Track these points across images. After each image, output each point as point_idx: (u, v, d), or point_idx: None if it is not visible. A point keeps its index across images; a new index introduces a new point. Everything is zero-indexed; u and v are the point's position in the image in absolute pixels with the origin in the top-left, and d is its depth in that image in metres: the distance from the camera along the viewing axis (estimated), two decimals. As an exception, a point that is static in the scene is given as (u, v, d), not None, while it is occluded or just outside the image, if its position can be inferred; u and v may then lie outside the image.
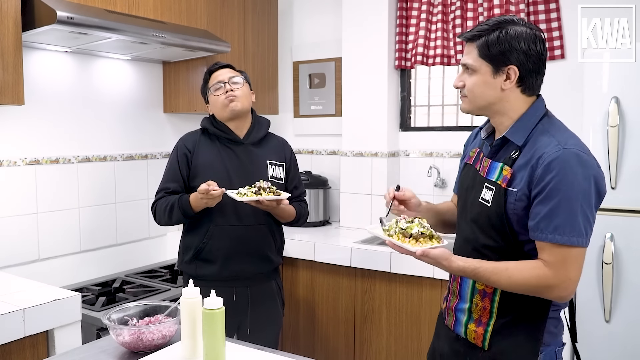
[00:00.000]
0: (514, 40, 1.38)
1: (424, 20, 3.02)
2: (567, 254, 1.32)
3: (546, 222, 1.32)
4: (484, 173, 1.49)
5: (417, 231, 1.42)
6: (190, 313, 1.37)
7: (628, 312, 2.09)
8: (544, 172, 1.33)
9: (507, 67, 1.40)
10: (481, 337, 1.46)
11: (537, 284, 1.34)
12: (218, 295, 1.33)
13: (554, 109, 3.03)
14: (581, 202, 1.32)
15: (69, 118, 2.58)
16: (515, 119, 1.44)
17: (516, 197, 1.38)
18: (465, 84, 1.47)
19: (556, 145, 1.34)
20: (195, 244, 2.14)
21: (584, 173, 1.32)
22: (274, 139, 2.30)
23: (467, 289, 1.51)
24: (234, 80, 2.17)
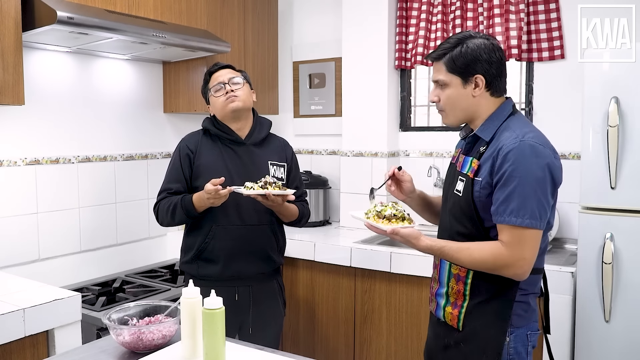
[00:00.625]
0: (475, 52, 1.56)
1: (424, 20, 3.02)
2: (521, 235, 1.47)
3: (504, 206, 1.48)
4: (459, 167, 1.65)
5: (389, 213, 1.63)
6: (190, 313, 1.37)
7: (628, 312, 2.08)
8: (502, 162, 1.49)
9: (474, 77, 1.57)
10: (456, 318, 1.62)
11: (494, 262, 1.49)
12: (219, 295, 1.33)
13: (554, 109, 3.04)
14: (535, 188, 1.47)
15: (69, 118, 2.58)
16: (485, 118, 1.61)
17: (481, 185, 1.54)
18: (440, 98, 1.63)
19: (514, 138, 1.50)
20: (197, 243, 2.13)
21: (538, 162, 1.48)
22: (275, 140, 2.30)
23: (445, 274, 1.65)
24: (234, 80, 2.16)
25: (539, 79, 2.84)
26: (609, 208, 2.11)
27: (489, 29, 2.84)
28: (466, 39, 1.58)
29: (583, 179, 2.18)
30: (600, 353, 2.14)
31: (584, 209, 2.18)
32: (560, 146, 2.74)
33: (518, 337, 1.59)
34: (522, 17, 2.76)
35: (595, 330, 2.14)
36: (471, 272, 1.58)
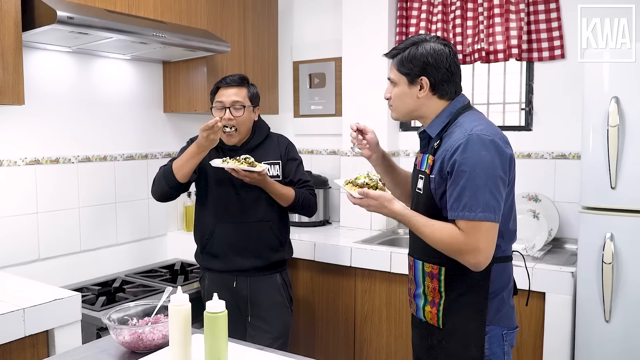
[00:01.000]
0: (423, 56, 1.60)
1: (424, 20, 3.02)
2: (476, 225, 1.49)
3: (457, 202, 1.50)
4: (418, 167, 1.70)
5: (362, 181, 1.67)
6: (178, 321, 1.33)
7: (628, 312, 2.08)
8: (452, 157, 1.52)
9: (419, 79, 1.62)
10: (436, 316, 1.64)
11: (451, 244, 1.51)
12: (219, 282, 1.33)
13: (554, 109, 3.03)
14: (485, 180, 1.48)
15: (69, 118, 2.58)
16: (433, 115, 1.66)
17: (435, 182, 1.58)
18: (391, 95, 1.70)
19: (463, 133, 1.53)
20: (201, 240, 2.30)
21: (486, 154, 1.49)
22: (270, 140, 2.36)
23: (419, 273, 1.68)
24: (236, 107, 2.20)
25: (539, 79, 2.84)
26: (609, 208, 2.11)
27: (489, 29, 2.84)
28: (419, 42, 1.63)
29: (583, 179, 2.18)
30: (600, 353, 2.14)
31: (584, 209, 2.18)
32: (560, 146, 2.77)
33: (493, 337, 1.59)
34: (522, 17, 2.76)
35: (595, 330, 2.14)
36: (443, 268, 1.59)
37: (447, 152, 1.54)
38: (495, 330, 1.60)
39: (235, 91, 2.21)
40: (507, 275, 1.64)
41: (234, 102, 2.20)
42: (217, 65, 2.90)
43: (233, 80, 2.23)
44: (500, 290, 1.61)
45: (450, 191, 1.52)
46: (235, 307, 2.24)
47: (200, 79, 2.86)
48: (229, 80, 2.23)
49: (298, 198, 2.27)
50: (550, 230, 2.63)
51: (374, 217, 3.10)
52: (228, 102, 2.19)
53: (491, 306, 1.59)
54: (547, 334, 2.25)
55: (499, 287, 1.60)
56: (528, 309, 2.28)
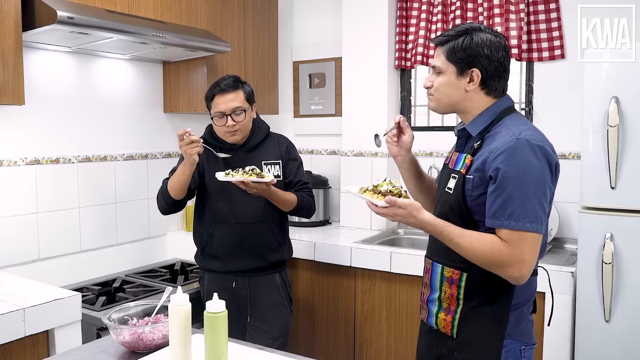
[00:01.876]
0: (478, 46, 1.48)
1: (424, 20, 3.02)
2: (521, 236, 1.38)
3: (502, 210, 1.39)
4: (452, 165, 1.59)
5: (385, 189, 1.50)
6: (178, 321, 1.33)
7: (628, 312, 2.08)
8: (498, 161, 1.41)
9: (470, 70, 1.50)
10: (450, 324, 1.53)
11: (492, 256, 1.40)
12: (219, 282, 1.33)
13: (554, 109, 3.04)
14: (534, 189, 1.39)
15: (69, 118, 2.58)
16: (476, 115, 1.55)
17: (472, 184, 1.47)
18: (433, 84, 1.57)
19: (510, 136, 1.43)
20: (201, 242, 2.31)
21: (537, 161, 1.40)
22: (270, 139, 2.36)
23: (437, 277, 1.57)
24: (237, 112, 2.19)
25: (539, 79, 2.84)
26: (609, 208, 2.11)
27: (489, 29, 2.84)
28: (473, 31, 1.50)
29: (583, 179, 2.18)
30: (600, 353, 2.14)
31: (584, 209, 2.18)
32: (560, 146, 2.75)
33: (509, 352, 1.49)
34: (522, 17, 2.76)
35: (595, 330, 2.14)
36: (465, 274, 1.50)
37: (491, 153, 1.43)
38: (512, 344, 1.49)
39: (232, 96, 2.18)
40: (532, 289, 1.54)
41: (234, 109, 2.18)
42: (217, 65, 2.90)
43: (227, 85, 2.19)
44: (522, 304, 1.51)
45: (493, 198, 1.41)
46: (234, 307, 2.24)
47: (200, 79, 2.86)
48: (223, 85, 2.19)
49: (300, 203, 2.29)
50: (550, 230, 2.63)
51: (374, 217, 3.10)
52: (228, 110, 2.17)
53: (510, 319, 1.49)
54: (547, 334, 2.25)
55: (521, 300, 1.51)
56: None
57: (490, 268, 1.43)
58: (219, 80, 2.23)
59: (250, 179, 2.03)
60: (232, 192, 2.20)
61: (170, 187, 2.16)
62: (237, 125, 2.19)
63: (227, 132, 2.20)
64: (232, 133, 2.20)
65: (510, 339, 1.49)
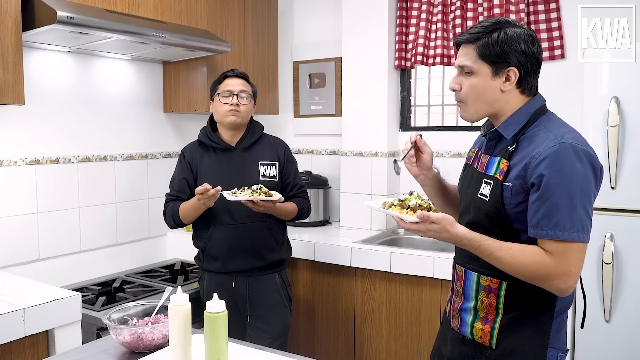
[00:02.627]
0: (514, 41, 1.37)
1: (424, 20, 3.02)
2: (568, 247, 1.31)
3: (546, 220, 1.30)
4: (482, 169, 1.47)
5: (414, 203, 1.41)
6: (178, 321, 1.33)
7: (628, 312, 2.08)
8: (541, 167, 1.31)
9: (507, 69, 1.39)
10: (488, 335, 1.44)
11: (537, 270, 1.32)
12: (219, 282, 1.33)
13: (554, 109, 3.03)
14: (580, 196, 1.30)
15: (69, 118, 2.58)
16: (510, 114, 1.44)
17: (512, 191, 1.37)
18: (462, 86, 1.44)
19: (552, 140, 1.33)
20: (200, 244, 2.32)
21: (582, 167, 1.31)
22: (266, 140, 2.39)
23: (472, 286, 1.48)
24: (242, 95, 2.27)
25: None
26: (609, 208, 2.11)
27: (489, 29, 2.84)
28: (505, 25, 1.39)
29: (583, 179, 2.18)
30: (600, 353, 2.14)
31: (584, 209, 2.18)
32: (560, 146, 2.77)
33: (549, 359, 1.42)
34: (522, 17, 2.76)
35: (595, 330, 2.14)
36: (504, 283, 1.41)
37: (532, 159, 1.33)
38: (551, 352, 1.42)
39: (242, 82, 2.31)
40: (572, 295, 1.48)
41: (242, 91, 2.27)
42: (217, 65, 2.90)
43: (240, 73, 2.33)
44: (563, 311, 1.45)
45: (537, 206, 1.32)
46: (234, 307, 2.24)
47: (200, 79, 2.86)
48: (236, 72, 2.33)
49: (300, 211, 2.34)
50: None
51: (374, 217, 3.11)
52: (236, 89, 2.27)
53: (552, 328, 1.42)
54: (547, 334, 2.25)
55: (562, 307, 1.44)
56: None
57: (534, 281, 1.35)
58: (230, 69, 2.36)
59: (259, 198, 2.06)
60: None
61: (184, 217, 2.25)
62: (241, 107, 2.25)
63: (229, 111, 2.24)
64: (234, 113, 2.24)
65: (550, 347, 1.42)
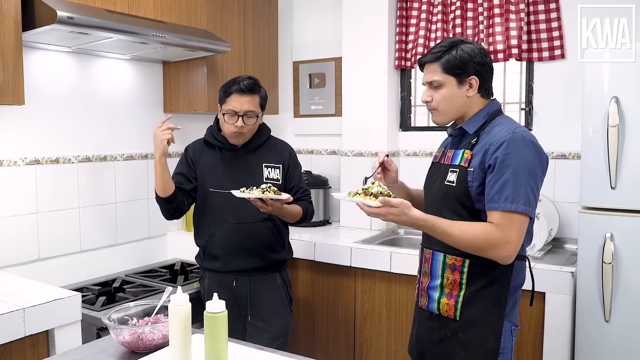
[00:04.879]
0: (470, 55, 1.65)
1: (424, 20, 3.02)
2: (512, 218, 1.54)
3: (499, 194, 1.55)
4: (448, 162, 1.71)
5: (377, 190, 1.60)
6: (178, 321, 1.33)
7: (628, 312, 2.08)
8: (496, 151, 1.57)
9: (469, 78, 1.66)
10: (453, 307, 1.66)
11: (484, 240, 1.54)
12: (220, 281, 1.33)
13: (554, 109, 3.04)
14: (527, 176, 1.55)
15: (69, 118, 2.57)
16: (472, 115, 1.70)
17: (473, 175, 1.61)
18: (433, 98, 1.69)
19: (507, 131, 1.60)
20: (201, 243, 2.31)
21: (530, 153, 1.57)
22: (272, 142, 2.37)
23: (438, 265, 1.69)
24: (249, 115, 2.19)
25: (539, 79, 2.84)
26: (609, 208, 2.11)
27: (489, 29, 2.84)
28: (460, 43, 1.66)
29: (583, 179, 2.18)
30: (600, 353, 2.14)
31: (584, 209, 2.18)
32: (560, 146, 2.77)
33: (506, 332, 1.64)
34: (522, 17, 2.76)
35: (595, 330, 2.14)
36: (467, 260, 1.62)
37: (490, 146, 1.59)
38: (507, 325, 1.65)
39: (249, 99, 2.17)
40: (524, 274, 1.71)
41: (248, 112, 2.18)
42: (217, 65, 2.90)
43: (248, 86, 2.16)
44: (517, 288, 1.68)
45: (492, 184, 1.56)
46: (235, 307, 2.24)
47: (200, 79, 2.86)
48: (243, 86, 2.16)
49: (305, 215, 2.32)
50: (550, 230, 2.63)
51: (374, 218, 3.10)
52: (242, 110, 2.16)
53: (509, 301, 1.64)
54: (547, 334, 2.25)
55: (517, 284, 1.67)
56: (528, 308, 2.28)
57: (481, 252, 1.57)
58: (239, 79, 2.20)
59: (269, 196, 2.03)
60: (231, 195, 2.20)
61: (156, 186, 2.18)
62: (245, 128, 2.19)
63: (234, 132, 2.20)
64: (238, 135, 2.21)
65: (505, 320, 1.64)
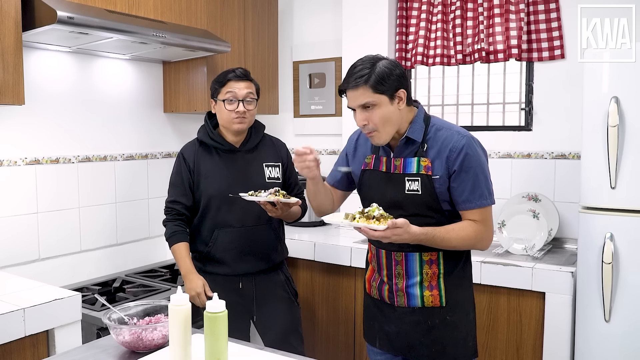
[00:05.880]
0: (391, 69, 1.69)
1: (424, 20, 3.02)
2: (488, 212, 1.73)
3: (472, 194, 1.69)
4: (400, 171, 1.77)
5: (378, 213, 1.62)
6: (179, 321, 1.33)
7: (628, 312, 2.08)
8: (459, 157, 1.68)
9: (397, 92, 1.70)
10: (438, 297, 1.77)
11: (475, 237, 1.71)
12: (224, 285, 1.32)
13: (554, 109, 3.04)
14: (486, 172, 1.73)
15: (69, 118, 2.58)
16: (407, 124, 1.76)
17: (439, 182, 1.71)
18: (370, 121, 1.70)
19: (458, 134, 1.72)
20: (203, 248, 2.24)
21: (481, 151, 1.74)
22: (268, 141, 2.36)
23: (415, 264, 1.77)
24: (248, 100, 2.19)
25: (539, 79, 2.84)
26: (609, 208, 2.11)
27: (489, 29, 2.84)
28: (376, 61, 1.69)
29: (583, 179, 2.18)
30: (600, 353, 2.14)
31: (584, 209, 2.18)
32: (560, 146, 2.77)
33: None
34: (522, 17, 2.76)
35: (595, 330, 2.14)
36: (440, 252, 1.75)
37: (451, 152, 1.69)
38: None
39: (246, 84, 2.20)
40: None
41: (247, 95, 2.19)
42: (217, 65, 2.90)
43: (243, 73, 2.21)
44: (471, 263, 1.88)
45: (463, 186, 1.69)
46: (240, 309, 2.20)
47: (200, 79, 2.86)
48: (239, 72, 2.20)
49: (303, 212, 2.33)
50: (550, 230, 2.63)
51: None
52: (241, 95, 2.17)
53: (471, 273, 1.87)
54: (547, 334, 2.26)
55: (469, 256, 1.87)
56: (528, 309, 2.28)
57: (473, 247, 1.75)
58: (231, 69, 2.23)
59: (280, 199, 2.03)
60: (233, 195, 2.17)
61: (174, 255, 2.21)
62: (247, 113, 2.18)
63: (236, 118, 2.17)
64: (241, 120, 2.17)
65: None
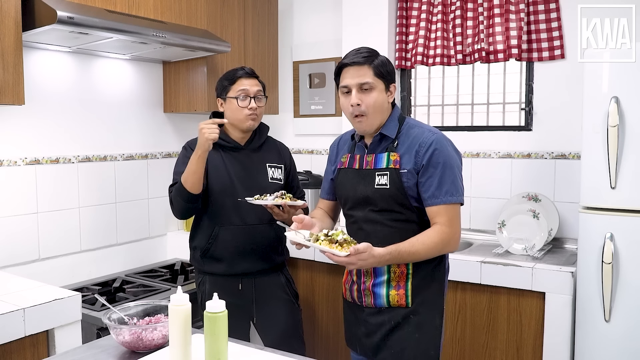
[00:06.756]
0: (390, 63, 1.72)
1: (424, 20, 3.02)
2: (454, 211, 1.68)
3: (439, 190, 1.66)
4: (371, 166, 1.75)
5: (341, 238, 1.55)
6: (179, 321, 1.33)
7: (628, 312, 2.08)
8: (427, 152, 1.66)
9: (391, 85, 1.71)
10: (404, 297, 1.73)
11: (441, 242, 1.65)
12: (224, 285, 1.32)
13: (554, 109, 3.04)
14: (456, 170, 1.69)
15: (69, 118, 2.58)
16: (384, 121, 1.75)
17: (407, 176, 1.68)
18: (363, 102, 1.67)
19: (429, 132, 1.71)
20: (202, 244, 2.23)
21: (453, 149, 1.72)
22: (272, 143, 2.36)
23: None
24: (259, 97, 2.21)
25: (539, 79, 2.84)
26: (609, 208, 2.11)
27: (489, 29, 2.84)
28: (377, 52, 1.71)
29: (583, 179, 2.18)
30: (600, 353, 2.14)
31: (584, 209, 2.18)
32: (560, 146, 2.77)
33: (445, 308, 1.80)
34: (522, 17, 2.76)
35: (595, 330, 2.14)
36: None
37: (420, 147, 1.68)
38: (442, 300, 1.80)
39: (256, 82, 2.22)
40: None
41: (258, 92, 2.20)
42: (217, 65, 2.90)
43: (252, 71, 2.23)
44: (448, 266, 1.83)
45: (430, 181, 1.66)
46: (240, 310, 2.20)
47: (200, 79, 2.87)
48: (249, 70, 2.22)
49: None
50: (550, 230, 2.63)
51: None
52: (252, 91, 2.18)
53: (445, 279, 1.80)
54: (547, 334, 2.26)
55: (448, 263, 1.82)
56: (528, 309, 2.28)
57: (440, 252, 1.70)
58: (239, 67, 2.25)
59: (287, 202, 2.02)
60: (238, 193, 2.17)
61: (185, 180, 2.05)
62: (259, 110, 2.19)
63: (248, 115, 2.16)
64: (253, 117, 2.17)
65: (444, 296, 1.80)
